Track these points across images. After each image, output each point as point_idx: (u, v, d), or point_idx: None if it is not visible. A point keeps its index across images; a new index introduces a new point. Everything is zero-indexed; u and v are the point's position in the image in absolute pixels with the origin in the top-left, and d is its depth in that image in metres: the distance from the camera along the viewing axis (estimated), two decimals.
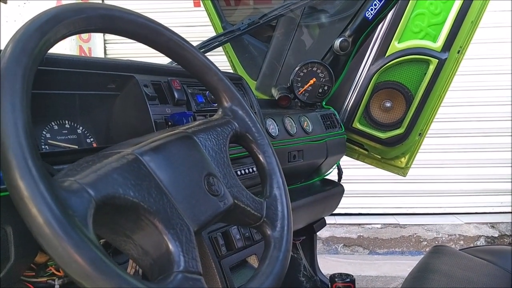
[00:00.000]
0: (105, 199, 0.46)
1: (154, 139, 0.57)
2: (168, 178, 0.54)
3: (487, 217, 3.27)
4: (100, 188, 0.46)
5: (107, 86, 0.79)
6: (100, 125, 0.82)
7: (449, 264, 1.13)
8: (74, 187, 0.44)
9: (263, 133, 0.72)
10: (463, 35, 1.55)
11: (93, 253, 0.40)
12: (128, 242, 0.51)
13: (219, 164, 0.62)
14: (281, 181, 0.70)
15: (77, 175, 0.46)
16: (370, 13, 1.37)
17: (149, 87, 0.82)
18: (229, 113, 0.70)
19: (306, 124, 1.38)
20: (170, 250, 0.48)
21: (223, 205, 0.58)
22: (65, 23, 0.50)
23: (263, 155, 0.71)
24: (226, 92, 0.70)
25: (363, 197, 3.40)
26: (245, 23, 1.27)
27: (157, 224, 0.49)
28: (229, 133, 0.67)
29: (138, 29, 0.59)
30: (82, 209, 0.43)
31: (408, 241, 3.22)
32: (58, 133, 0.79)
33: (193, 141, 0.61)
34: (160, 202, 0.51)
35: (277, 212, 0.65)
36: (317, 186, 1.57)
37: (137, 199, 0.48)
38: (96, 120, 0.82)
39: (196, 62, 0.67)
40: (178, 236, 0.49)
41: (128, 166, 0.50)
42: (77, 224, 0.41)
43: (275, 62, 1.61)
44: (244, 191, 0.63)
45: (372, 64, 1.61)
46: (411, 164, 1.77)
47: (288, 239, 0.63)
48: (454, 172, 3.34)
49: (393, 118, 1.65)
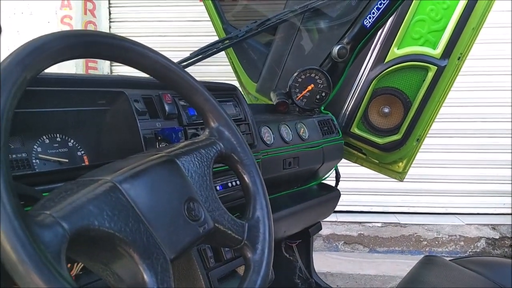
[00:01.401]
0: (80, 232, 0.47)
1: (135, 165, 0.58)
2: (147, 205, 0.55)
3: (488, 218, 3.25)
4: (74, 221, 0.47)
5: (98, 102, 0.80)
6: (91, 139, 0.83)
7: (438, 276, 1.14)
8: (48, 222, 0.45)
9: (248, 153, 0.73)
10: (463, 42, 1.54)
11: None
12: (105, 270, 0.52)
13: (201, 188, 0.63)
14: (265, 202, 0.71)
15: (53, 208, 0.47)
16: (368, 21, 1.36)
17: (139, 102, 0.83)
18: (215, 133, 0.71)
19: (302, 131, 1.39)
20: (145, 281, 0.50)
21: (203, 230, 0.60)
22: (49, 54, 0.51)
23: (248, 175, 0.72)
24: (212, 113, 0.71)
25: (364, 195, 3.40)
26: (244, 30, 1.28)
27: (132, 254, 0.50)
28: (214, 154, 0.68)
29: (123, 53, 0.60)
30: (55, 244, 0.44)
31: (408, 241, 3.22)
32: (49, 147, 0.80)
33: (175, 165, 0.62)
34: (136, 231, 0.52)
35: (258, 234, 0.66)
36: (313, 191, 1.58)
37: (112, 230, 0.50)
38: (87, 134, 0.83)
39: (182, 83, 0.68)
40: (153, 266, 0.51)
41: (105, 197, 0.51)
42: (49, 259, 0.42)
43: (275, 66, 1.61)
44: (226, 214, 0.64)
45: (371, 70, 1.61)
46: (408, 169, 1.77)
47: (268, 262, 0.65)
48: (456, 172, 3.32)
49: (391, 124, 1.65)
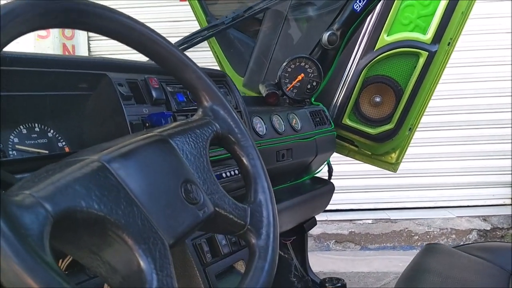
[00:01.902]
0: (65, 214, 0.41)
1: (124, 144, 0.52)
2: (140, 187, 0.49)
3: (479, 210, 3.25)
4: (58, 201, 0.41)
5: (78, 86, 0.73)
6: (73, 128, 0.76)
7: (443, 263, 1.09)
8: (28, 202, 0.39)
9: (246, 134, 0.67)
10: (453, 26, 1.51)
11: (49, 276, 0.35)
12: (95, 259, 0.46)
13: (198, 170, 0.57)
14: (267, 185, 0.65)
15: (33, 188, 0.41)
16: (358, 5, 1.32)
17: (124, 86, 0.76)
18: (210, 113, 0.65)
19: (294, 121, 1.34)
20: (142, 268, 0.43)
21: (203, 214, 0.54)
22: (22, 19, 0.45)
23: (246, 157, 0.66)
24: (206, 91, 0.65)
25: (353, 193, 3.37)
26: (230, 17, 1.22)
27: (126, 239, 0.44)
28: (210, 135, 0.62)
29: (107, 23, 0.54)
30: (37, 227, 0.38)
31: (399, 236, 3.20)
32: (27, 138, 0.73)
33: (169, 145, 0.56)
34: (130, 214, 0.46)
35: (262, 219, 0.61)
36: (307, 185, 1.53)
37: (102, 212, 0.43)
38: (68, 122, 0.76)
39: (172, 58, 0.62)
40: (151, 252, 0.45)
41: (93, 176, 0.45)
42: (30, 244, 0.36)
43: (262, 57, 1.56)
44: (226, 198, 0.59)
45: (361, 58, 1.57)
46: (401, 160, 1.74)
47: (274, 248, 0.59)
48: (445, 165, 3.32)
49: (383, 113, 1.61)
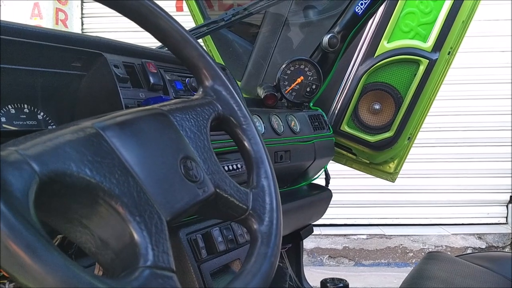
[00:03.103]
0: (53, 176, 0.36)
1: (120, 113, 0.48)
2: (136, 157, 0.45)
3: (474, 228, 3.22)
4: (46, 161, 0.36)
5: (72, 65, 0.69)
6: (64, 110, 0.72)
7: (446, 271, 1.05)
8: (13, 158, 0.35)
9: (249, 117, 0.63)
10: (453, 35, 1.51)
11: (31, 238, 0.31)
12: (84, 233, 0.41)
13: (198, 147, 0.53)
14: (270, 170, 0.61)
15: (20, 145, 0.37)
16: (360, 8, 1.30)
17: (120, 68, 0.72)
18: (211, 93, 0.61)
19: (293, 123, 1.31)
20: (136, 241, 0.39)
21: (202, 193, 0.49)
22: None
23: (248, 141, 0.62)
24: (207, 70, 0.62)
25: (348, 208, 3.33)
26: (229, 14, 1.20)
27: (120, 210, 0.40)
28: (211, 114, 0.59)
29: None
30: (21, 184, 0.33)
31: (394, 252, 3.15)
32: (15, 118, 0.69)
33: (168, 119, 0.52)
34: (125, 184, 0.41)
35: (264, 205, 0.56)
36: (304, 190, 1.49)
37: (95, 179, 0.39)
38: (59, 104, 0.72)
39: (172, 33, 0.59)
40: (147, 225, 0.40)
41: (86, 140, 0.41)
42: (11, 201, 0.32)
43: (261, 60, 1.54)
44: (228, 179, 0.55)
45: (360, 65, 1.55)
46: (399, 169, 1.71)
47: (278, 235, 0.55)
48: (441, 182, 3.29)
49: (382, 120, 1.59)
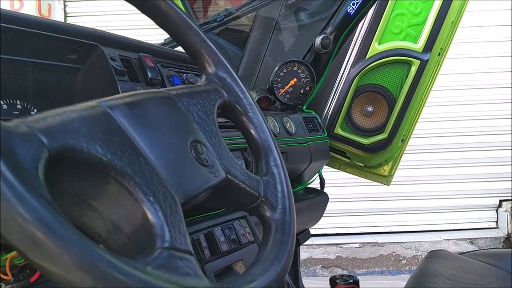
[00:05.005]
0: (63, 150, 0.34)
1: (127, 94, 0.46)
2: (146, 138, 0.42)
3: (465, 233, 3.22)
4: (56, 135, 0.34)
5: (67, 57, 0.66)
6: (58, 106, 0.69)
7: (451, 268, 1.03)
8: (20, 130, 0.32)
9: (254, 104, 0.61)
10: (443, 36, 1.52)
11: (44, 211, 0.28)
12: (93, 217, 0.38)
13: (206, 132, 0.51)
14: (279, 159, 0.58)
15: (29, 118, 0.34)
16: (351, 8, 1.30)
17: (116, 61, 0.70)
18: (216, 80, 0.59)
19: (289, 125, 1.29)
20: (151, 222, 0.36)
21: (214, 178, 0.47)
22: None
23: (255, 129, 0.60)
24: (210, 56, 0.59)
25: (340, 217, 3.30)
26: (222, 14, 1.18)
27: (132, 190, 0.37)
28: (217, 100, 0.56)
29: None
30: (30, 155, 0.31)
31: (387, 260, 3.13)
32: (7, 114, 0.66)
33: (175, 103, 0.50)
34: (136, 163, 0.39)
35: (276, 192, 0.54)
36: (300, 194, 1.46)
37: (106, 157, 0.36)
38: (54, 100, 0.69)
39: (175, 17, 0.56)
40: (161, 205, 0.37)
41: (94, 118, 0.39)
42: (20, 172, 0.29)
43: (252, 64, 1.52)
44: (237, 165, 0.52)
45: (352, 67, 1.55)
46: (394, 172, 1.70)
47: (292, 222, 0.52)
48: (431, 188, 3.30)
49: (376, 122, 1.58)
